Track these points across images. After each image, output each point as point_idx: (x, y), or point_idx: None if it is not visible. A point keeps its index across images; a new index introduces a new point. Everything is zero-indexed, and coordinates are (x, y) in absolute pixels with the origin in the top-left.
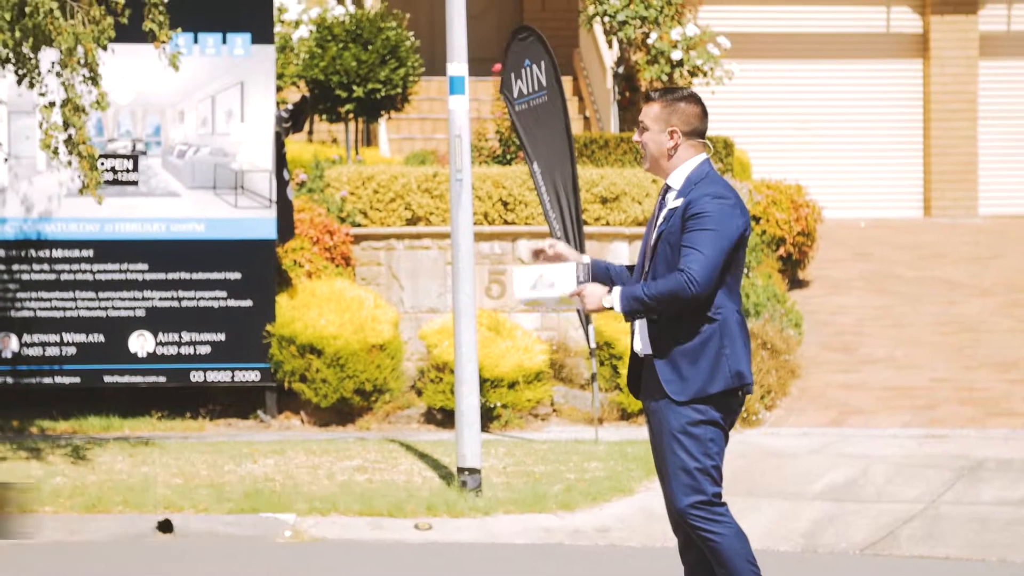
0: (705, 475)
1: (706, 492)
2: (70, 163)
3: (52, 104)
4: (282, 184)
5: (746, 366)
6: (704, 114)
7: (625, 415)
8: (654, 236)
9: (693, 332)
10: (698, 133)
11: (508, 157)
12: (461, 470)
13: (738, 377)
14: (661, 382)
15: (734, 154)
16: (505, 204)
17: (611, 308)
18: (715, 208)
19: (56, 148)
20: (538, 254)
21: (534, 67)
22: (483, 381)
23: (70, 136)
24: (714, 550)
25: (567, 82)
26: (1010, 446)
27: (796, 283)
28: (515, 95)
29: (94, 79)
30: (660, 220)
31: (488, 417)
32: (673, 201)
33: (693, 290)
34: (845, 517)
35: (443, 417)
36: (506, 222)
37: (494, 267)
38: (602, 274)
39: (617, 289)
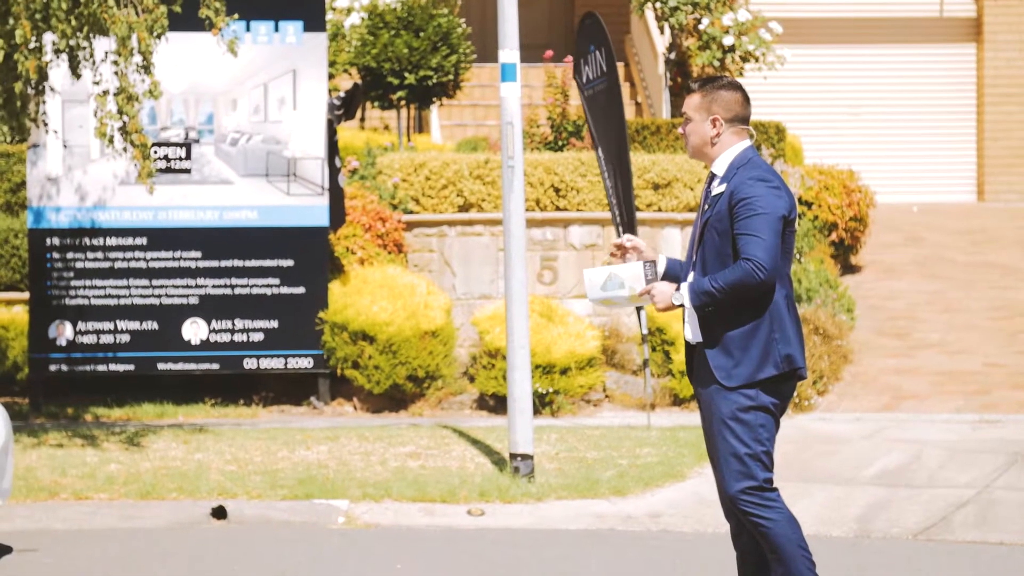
0: (756, 460)
1: (757, 478)
2: (125, 150)
3: (106, 93)
4: (334, 172)
5: (797, 350)
6: (746, 100)
7: (677, 400)
8: (701, 223)
9: (743, 318)
10: (740, 119)
11: (560, 143)
12: (513, 456)
13: (788, 362)
14: (711, 368)
15: (786, 139)
16: (557, 190)
17: (681, 305)
18: (762, 191)
19: (111, 136)
20: (619, 248)
21: (597, 53)
22: (535, 367)
23: (124, 125)
24: (765, 536)
25: (619, 68)
26: None
27: (848, 268)
28: (584, 80)
29: (147, 68)
30: (706, 207)
31: (540, 403)
32: (717, 187)
33: (761, 276)
34: (898, 502)
35: (495, 403)
36: (558, 208)
37: (546, 253)
38: (676, 270)
39: (685, 285)
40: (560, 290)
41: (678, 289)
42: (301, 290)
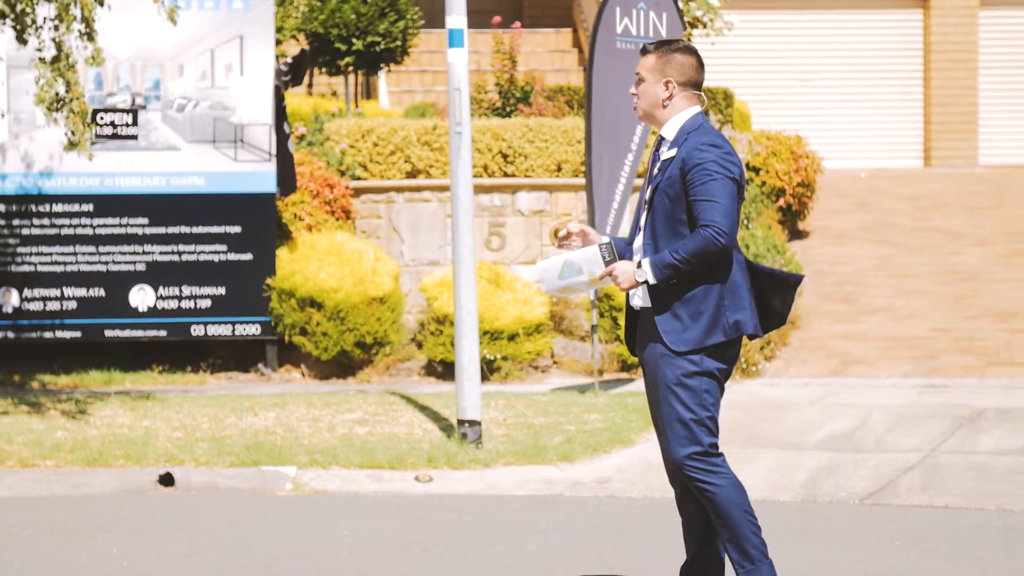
0: (701, 426)
1: (702, 443)
2: (61, 119)
3: (43, 60)
4: (283, 138)
5: (747, 316)
6: (700, 65)
7: (625, 366)
8: (650, 189)
9: (694, 283)
10: (693, 84)
11: (508, 110)
12: (461, 422)
13: (736, 328)
14: (660, 332)
15: (734, 105)
16: (505, 156)
17: (645, 282)
18: (716, 156)
19: (51, 104)
20: (567, 237)
21: (651, 14)
22: (483, 333)
23: (63, 92)
24: (711, 500)
25: (567, 34)
26: (1009, 395)
27: (796, 234)
28: (619, 31)
29: (90, 35)
30: (656, 172)
31: (488, 369)
32: (667, 151)
33: (723, 241)
34: (845, 467)
35: (443, 369)
36: (506, 174)
37: (494, 219)
38: (622, 248)
39: (646, 261)
40: (508, 256)
41: (639, 266)
42: (249, 257)
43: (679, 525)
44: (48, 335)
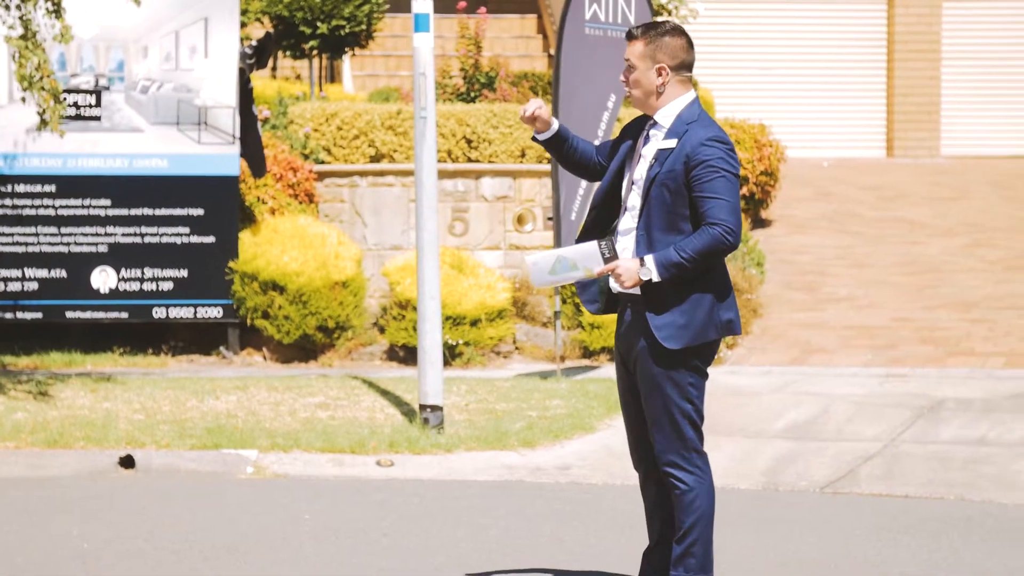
0: (686, 418)
1: (686, 437)
2: (31, 99)
3: (16, 38)
4: (252, 120)
5: (735, 314)
6: (690, 46)
7: (587, 353)
8: (645, 175)
9: (689, 280)
10: (685, 67)
11: (472, 95)
12: (423, 407)
13: (728, 327)
14: (652, 328)
15: (698, 93)
16: (469, 142)
17: (648, 280)
18: (722, 152)
19: (31, 79)
20: (533, 118)
21: (620, 0)
22: (446, 319)
23: (34, 70)
24: (679, 498)
25: (532, 20)
26: (969, 385)
27: (759, 222)
28: (587, 16)
29: (57, 12)
30: (652, 160)
31: (450, 355)
32: (664, 141)
33: (731, 240)
34: (805, 455)
35: (405, 354)
36: (470, 160)
37: (457, 205)
38: (566, 132)
39: (650, 258)
40: (471, 241)
41: (642, 263)
42: (211, 239)
43: (641, 511)
44: (8, 316)
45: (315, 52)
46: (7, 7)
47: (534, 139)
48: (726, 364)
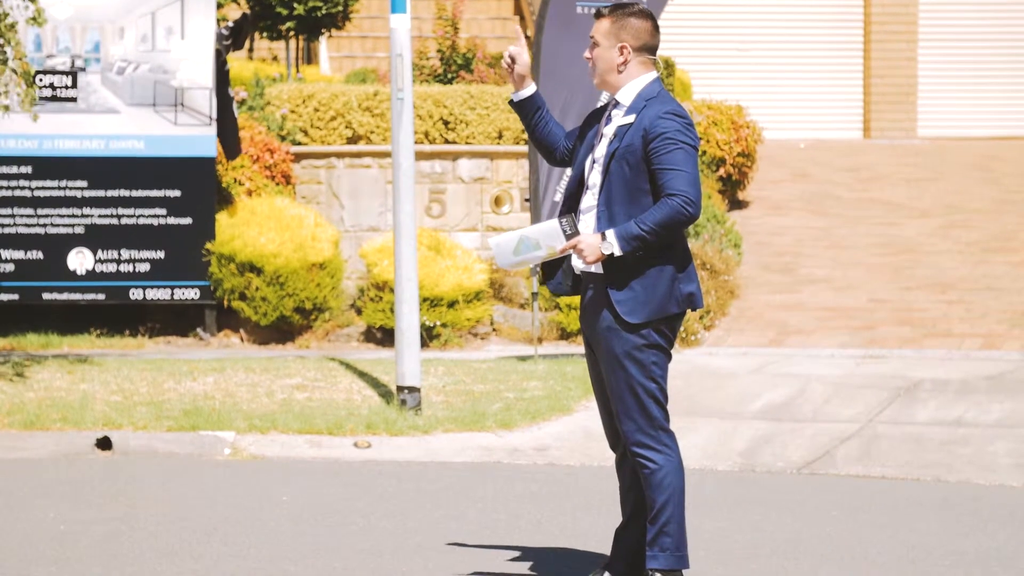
0: (651, 397)
1: (651, 415)
2: (13, 73)
3: None
4: (227, 102)
5: (696, 288)
6: (655, 30)
7: (564, 334)
8: (605, 152)
9: (649, 254)
10: (648, 49)
11: (449, 76)
12: (401, 389)
13: (688, 301)
14: (613, 303)
15: (675, 74)
16: (446, 123)
17: (610, 254)
18: (679, 125)
19: None
20: (511, 63)
21: None
22: (423, 300)
23: (4, 52)
24: (647, 478)
25: (508, 2)
26: (946, 367)
27: (736, 204)
28: None
29: None
30: (611, 136)
31: (428, 336)
32: (623, 117)
33: (690, 211)
34: (782, 437)
35: (383, 336)
36: (447, 141)
37: (435, 186)
38: (540, 101)
39: (611, 233)
40: (448, 223)
41: (603, 238)
42: (188, 221)
43: (617, 492)
44: None
45: (292, 33)
46: None
47: (510, 101)
48: (703, 345)
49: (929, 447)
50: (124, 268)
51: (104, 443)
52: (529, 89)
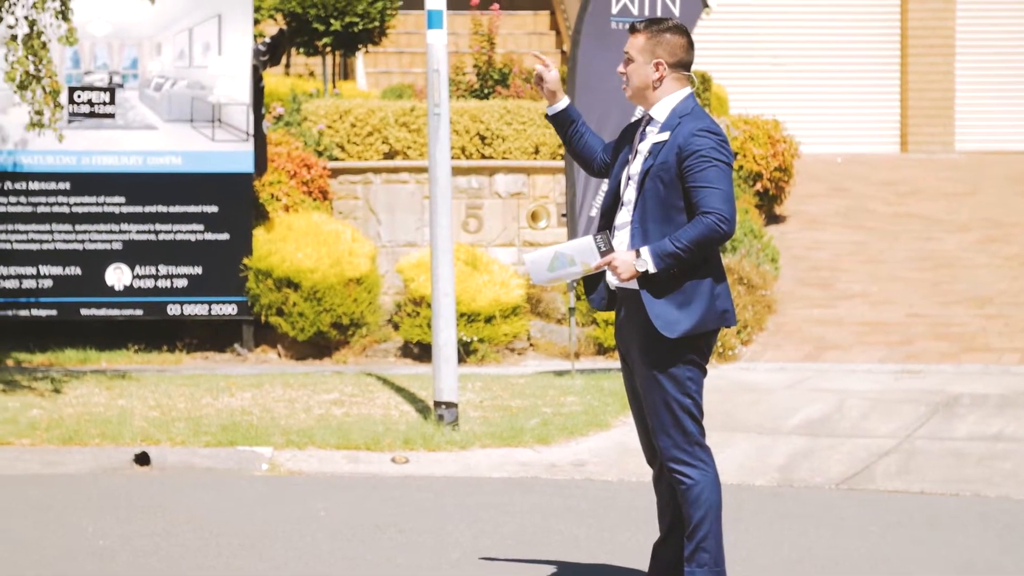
0: (686, 413)
1: (686, 431)
2: (24, 97)
3: (14, 38)
4: (258, 118)
5: (731, 305)
6: (690, 45)
7: (601, 350)
8: (639, 169)
9: (686, 270)
10: (683, 65)
11: (486, 91)
12: (438, 404)
13: (724, 317)
14: (650, 318)
15: (712, 89)
16: (483, 138)
17: (644, 271)
18: (713, 142)
19: (21, 82)
20: (539, 80)
21: None
22: (460, 315)
23: (33, 70)
24: (684, 493)
25: (544, 17)
26: (985, 381)
27: (773, 218)
28: (615, 10)
29: (64, 13)
30: (646, 153)
31: (465, 351)
32: (658, 134)
33: (725, 228)
34: (820, 452)
35: (420, 351)
36: (483, 156)
37: (471, 201)
38: (575, 114)
39: (645, 250)
40: (485, 238)
41: (638, 255)
42: (225, 236)
43: (655, 507)
44: (23, 313)
45: (328, 49)
46: (11, 7)
47: (545, 115)
48: (740, 360)
49: (968, 462)
50: (162, 284)
51: (142, 458)
52: (562, 103)
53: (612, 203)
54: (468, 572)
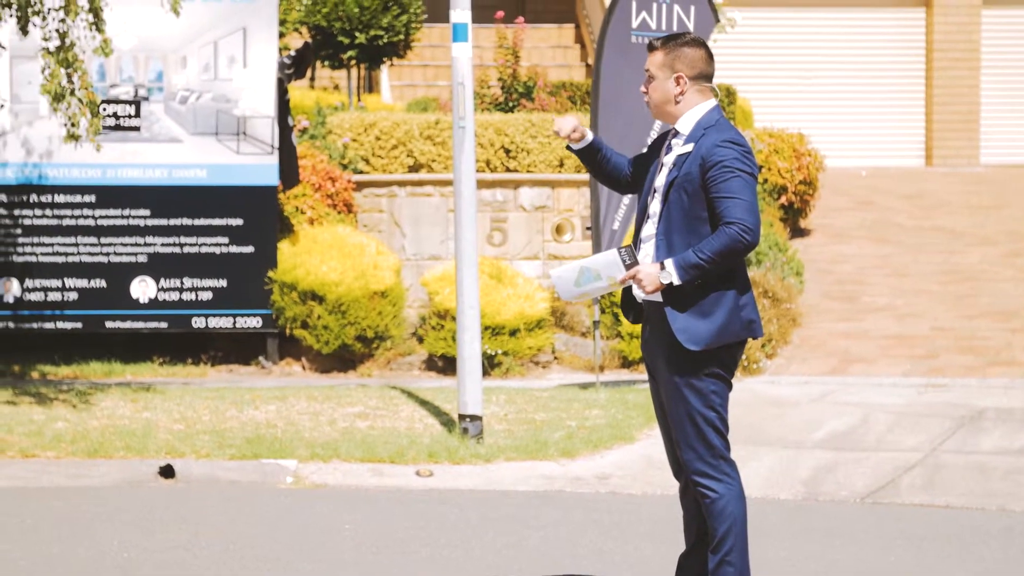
0: (710, 426)
1: (711, 444)
2: (57, 108)
3: (48, 51)
4: (286, 130)
5: (757, 316)
6: (710, 57)
7: (626, 363)
8: (664, 181)
9: (710, 281)
10: (704, 77)
11: (510, 105)
12: (462, 417)
13: (749, 328)
14: (673, 330)
15: (736, 102)
16: (507, 151)
17: (669, 283)
18: (736, 153)
19: (57, 94)
20: (571, 135)
21: (676, 7)
22: (484, 328)
23: (66, 83)
24: (708, 507)
25: (569, 30)
26: (1010, 395)
27: (798, 232)
28: (635, 25)
29: (97, 25)
30: (671, 165)
31: (489, 364)
32: (683, 146)
33: (748, 239)
34: (846, 465)
35: (444, 364)
36: (508, 169)
37: (496, 214)
38: (601, 144)
39: (669, 262)
40: (510, 251)
41: (662, 267)
42: (250, 249)
43: (680, 521)
44: (49, 326)
45: (353, 62)
46: (43, 19)
47: (568, 148)
48: (765, 374)
49: (994, 476)
50: (186, 296)
51: (167, 471)
52: (587, 140)
53: (643, 216)
54: None
